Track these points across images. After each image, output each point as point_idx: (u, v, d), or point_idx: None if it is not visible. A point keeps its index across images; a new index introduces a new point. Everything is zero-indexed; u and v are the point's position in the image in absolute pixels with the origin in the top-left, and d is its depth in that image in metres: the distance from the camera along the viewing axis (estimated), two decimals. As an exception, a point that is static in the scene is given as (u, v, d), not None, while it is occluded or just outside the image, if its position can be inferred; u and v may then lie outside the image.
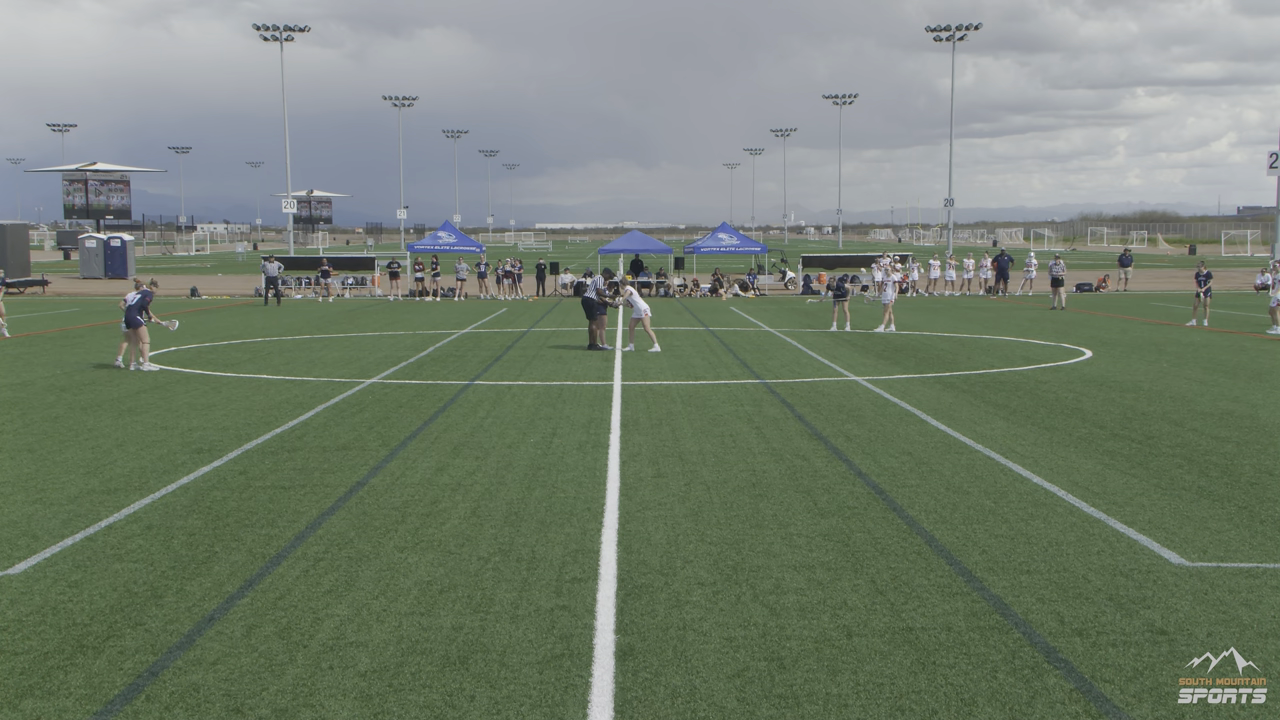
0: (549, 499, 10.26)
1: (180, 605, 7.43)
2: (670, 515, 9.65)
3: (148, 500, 10.27)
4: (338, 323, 33.11)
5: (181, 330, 29.02)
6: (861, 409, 15.48)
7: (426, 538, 9.00)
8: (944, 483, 10.87)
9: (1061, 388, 17.57)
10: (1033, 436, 13.35)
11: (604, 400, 16.39)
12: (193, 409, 15.71)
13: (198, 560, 8.43)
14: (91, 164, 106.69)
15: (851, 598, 7.53)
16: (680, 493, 10.48)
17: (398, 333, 29.05)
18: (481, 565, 8.27)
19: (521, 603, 7.45)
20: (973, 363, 21.22)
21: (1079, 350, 23.22)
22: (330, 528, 9.31)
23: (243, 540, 8.95)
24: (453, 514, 9.75)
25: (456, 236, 51.46)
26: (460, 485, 10.85)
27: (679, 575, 8.00)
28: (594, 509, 9.88)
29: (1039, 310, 37.21)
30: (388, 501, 10.21)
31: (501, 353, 23.44)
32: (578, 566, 8.21)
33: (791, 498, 10.28)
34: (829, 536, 8.98)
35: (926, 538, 8.92)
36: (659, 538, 8.95)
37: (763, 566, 8.20)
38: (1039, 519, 9.51)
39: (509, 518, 9.61)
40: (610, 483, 10.91)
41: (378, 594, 7.65)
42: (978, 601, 7.45)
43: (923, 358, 22.15)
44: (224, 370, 20.32)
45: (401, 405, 15.99)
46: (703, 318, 34.48)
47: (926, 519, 9.50)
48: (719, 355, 22.79)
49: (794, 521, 9.44)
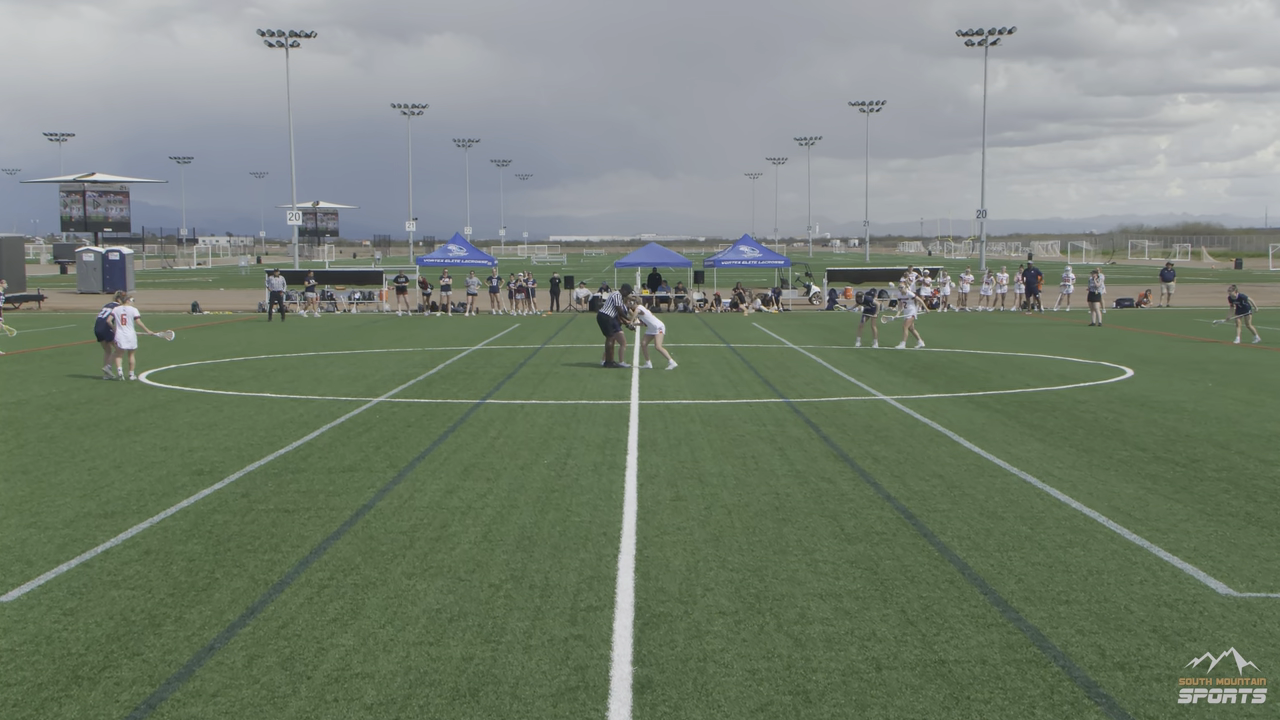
0: (563, 523, 10.25)
1: (179, 634, 7.44)
2: (690, 540, 9.62)
3: (146, 524, 10.30)
4: (344, 339, 33.23)
5: (183, 347, 29.18)
6: (889, 429, 15.42)
7: (435, 564, 9.00)
8: (977, 507, 10.80)
9: (1100, 408, 17.47)
10: (1070, 459, 13.26)
11: (620, 420, 16.38)
12: (193, 429, 15.77)
13: (198, 587, 8.44)
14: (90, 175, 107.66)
15: (880, 628, 7.48)
16: (700, 517, 10.45)
17: (406, 349, 29.14)
18: (493, 593, 8.26)
19: (534, 632, 7.43)
20: (1006, 381, 21.13)
21: (1118, 369, 23.10)
22: (335, 553, 9.31)
23: (244, 566, 8.96)
24: (463, 539, 9.74)
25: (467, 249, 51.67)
26: (470, 508, 10.85)
27: (699, 604, 7.97)
28: (610, 534, 9.86)
29: (1076, 326, 37.03)
30: (395, 525, 10.21)
31: (514, 370, 23.47)
32: (593, 594, 8.19)
33: (817, 522, 10.23)
34: (856, 563, 8.93)
35: (959, 565, 8.86)
36: (678, 564, 8.92)
37: (787, 595, 8.16)
38: (1078, 546, 9.44)
39: (521, 543, 9.60)
40: (627, 506, 10.88)
41: (385, 623, 7.64)
42: (1014, 633, 7.39)
43: (953, 376, 22.06)
44: (226, 388, 20.40)
45: (410, 425, 16.02)
46: (723, 334, 34.46)
47: (959, 545, 9.44)
48: (740, 373, 22.76)
49: (819, 547, 9.40)
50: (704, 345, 30.00)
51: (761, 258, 51.24)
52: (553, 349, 28.99)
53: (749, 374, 22.57)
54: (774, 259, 53.07)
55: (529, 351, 28.16)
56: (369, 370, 23.62)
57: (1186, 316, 41.42)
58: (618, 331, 23.84)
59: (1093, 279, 39.03)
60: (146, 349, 25.76)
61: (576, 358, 26.26)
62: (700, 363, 24.82)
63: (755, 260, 50.99)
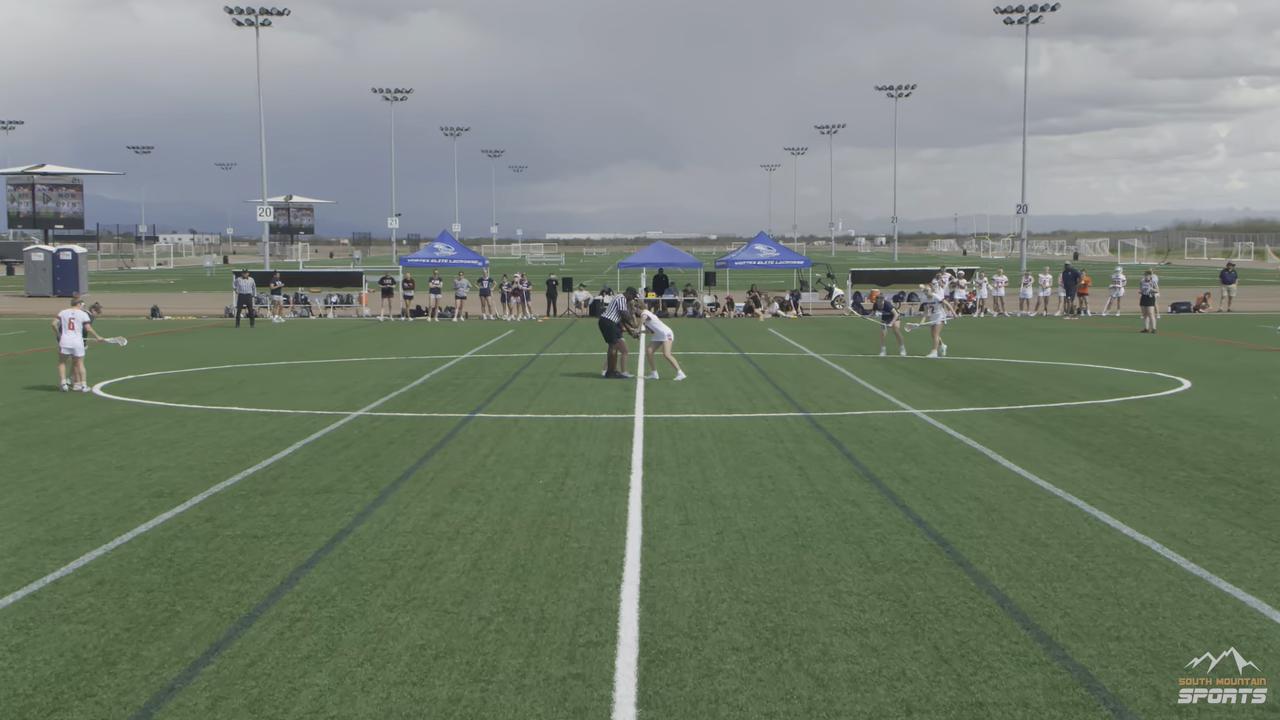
0: (560, 550, 10.23)
1: (136, 673, 7.43)
2: (700, 569, 9.60)
3: (100, 551, 10.30)
4: (320, 347, 33.27)
5: (142, 356, 29.23)
6: (920, 446, 15.40)
7: (420, 594, 8.98)
8: (1018, 533, 10.78)
9: (1154, 423, 17.44)
10: (1121, 480, 13.24)
11: (624, 436, 16.38)
12: (153, 446, 15.78)
13: (157, 621, 8.43)
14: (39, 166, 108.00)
15: (911, 667, 7.46)
16: (711, 543, 10.43)
17: (389, 358, 29.17)
18: (483, 626, 8.25)
19: (529, 670, 7.42)
20: (1049, 393, 21.10)
21: (1175, 380, 23.06)
22: (309, 583, 9.30)
23: (209, 598, 8.95)
24: (450, 567, 9.73)
25: (456, 248, 51.78)
26: (459, 534, 10.84)
27: (710, 639, 7.95)
28: (612, 561, 9.84)
29: (1127, 333, 36.99)
30: (375, 552, 10.20)
31: (507, 381, 23.48)
32: (593, 628, 8.18)
33: (840, 549, 10.21)
34: (884, 595, 8.91)
35: (998, 597, 8.84)
36: (687, 595, 8.91)
37: (807, 629, 8.14)
38: (1130, 576, 9.41)
39: (515, 571, 9.58)
40: (631, 531, 10.87)
41: (363, 660, 7.63)
42: (1059, 673, 7.36)
43: (991, 387, 22.04)
44: (189, 401, 20.42)
45: (392, 441, 16.02)
46: (737, 341, 34.46)
47: (998, 575, 9.41)
48: (755, 384, 22.75)
49: (843, 577, 9.38)
50: (716, 353, 30.00)
51: (779, 257, 51.29)
52: (549, 357, 29.00)
53: (765, 385, 22.56)
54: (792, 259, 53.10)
55: (524, 360, 28.17)
56: (348, 381, 23.64)
57: (1250, 322, 41.37)
58: (620, 338, 23.85)
59: (1145, 281, 38.99)
60: (102, 358, 25.79)
61: (576, 367, 26.27)
62: (711, 373, 24.82)
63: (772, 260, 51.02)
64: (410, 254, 67.55)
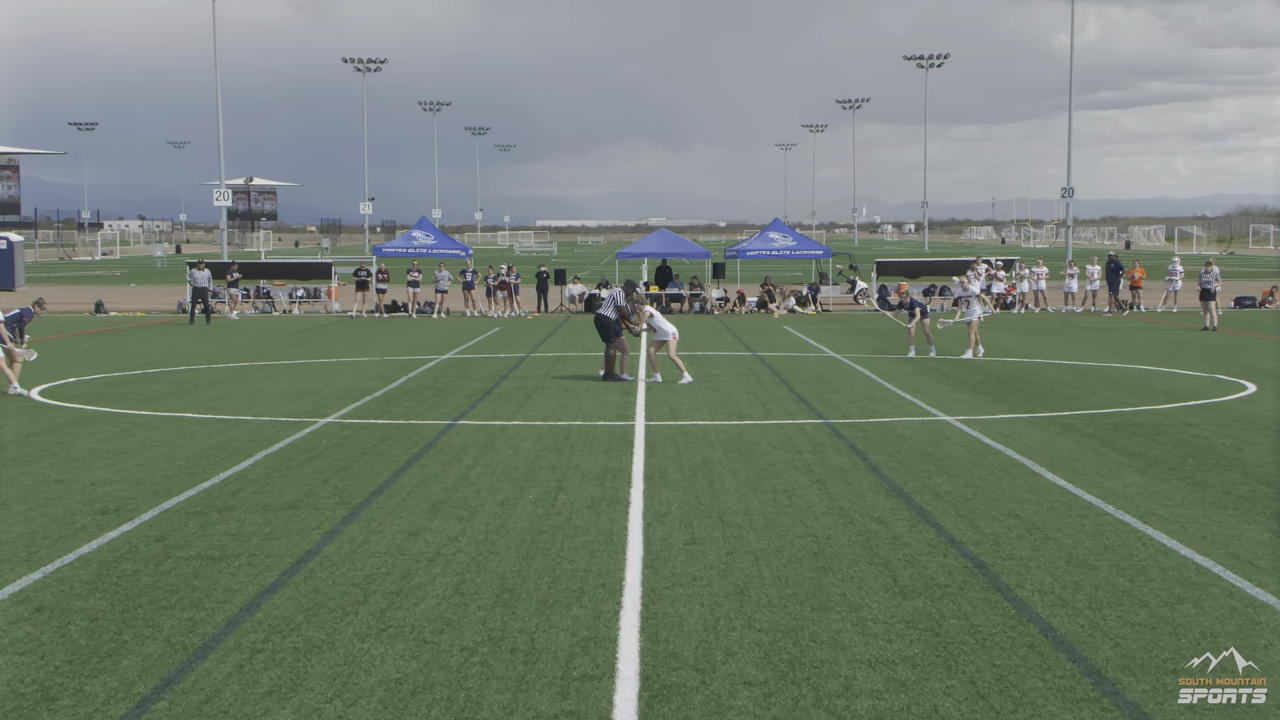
0: (552, 572, 10.23)
1: (79, 710, 7.42)
2: (708, 593, 9.60)
3: (39, 574, 10.29)
4: (285, 346, 33.27)
5: (86, 357, 29.24)
6: (954, 457, 15.40)
7: (395, 622, 8.98)
8: (1063, 554, 10.77)
9: (1215, 432, 17.43)
10: (1178, 495, 13.23)
11: (623, 445, 16.37)
12: (97, 457, 15.78)
13: (102, 652, 8.43)
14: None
15: (944, 704, 7.46)
16: (721, 564, 10.43)
17: (361, 358, 29.17)
18: (466, 658, 8.24)
19: (517, 707, 7.41)
20: (1098, 399, 21.09)
21: (1238, 383, 23.06)
22: (272, 610, 9.30)
23: (159, 626, 8.95)
24: (429, 592, 9.73)
25: (436, 237, 51.77)
26: (439, 555, 10.83)
27: (719, 672, 7.95)
28: (610, 585, 9.84)
29: (1185, 331, 36.98)
30: (346, 576, 10.19)
31: (493, 384, 23.47)
32: (589, 660, 8.17)
33: (864, 572, 10.21)
34: (914, 623, 8.90)
35: (1041, 626, 8.83)
36: (693, 623, 8.90)
37: (828, 662, 8.14)
38: (1188, 602, 9.41)
39: (501, 596, 9.58)
40: (631, 551, 10.87)
41: (332, 696, 7.62)
42: (1109, 710, 7.36)
43: (1032, 392, 22.04)
44: (138, 407, 20.42)
45: (365, 451, 16.02)
46: (749, 340, 34.46)
47: (1041, 602, 9.41)
48: (770, 388, 22.75)
49: (868, 603, 9.37)
50: (725, 353, 30.00)
51: (795, 247, 51.29)
52: (541, 358, 29.00)
53: (780, 389, 22.56)
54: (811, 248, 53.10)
55: (512, 361, 28.17)
56: (315, 384, 23.64)
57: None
58: (619, 337, 23.84)
59: (1205, 272, 39.01)
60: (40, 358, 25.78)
61: (570, 369, 26.26)
62: (721, 375, 24.82)
63: (788, 250, 51.03)
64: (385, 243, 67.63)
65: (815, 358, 28.96)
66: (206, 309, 42.92)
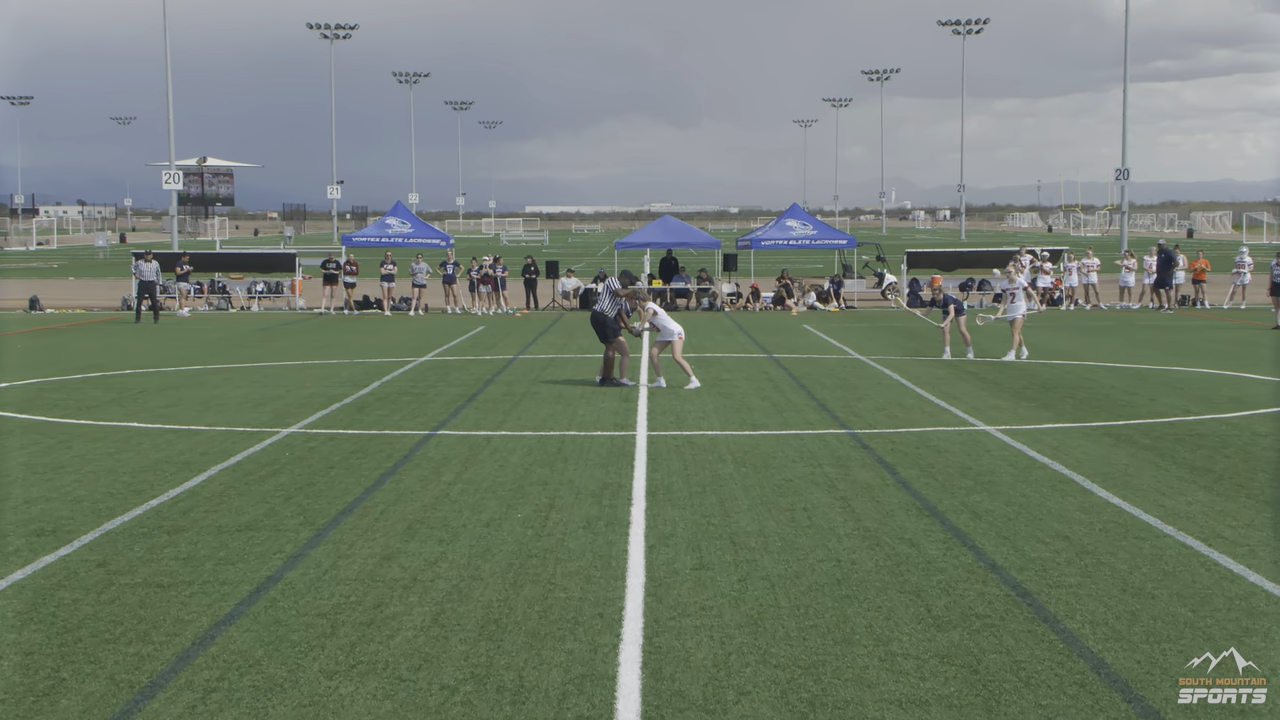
0: (543, 601, 10.23)
1: (11, 754, 7.42)
2: (718, 625, 9.60)
3: (-33, 602, 10.29)
4: (244, 347, 33.27)
5: (18, 359, 29.21)
6: (995, 472, 15.39)
7: (366, 658, 8.97)
8: (1117, 581, 10.77)
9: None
10: (1247, 514, 13.22)
11: (623, 458, 16.37)
12: (31, 473, 15.78)
13: (38, 691, 8.42)
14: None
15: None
16: (732, 592, 10.43)
17: (329, 361, 29.17)
18: (446, 698, 8.24)
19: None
20: (1157, 406, 21.08)
21: (1313, 388, 23.04)
22: (228, 643, 9.29)
23: (102, 662, 8.94)
24: (405, 623, 9.72)
25: (413, 224, 51.81)
26: (416, 581, 10.83)
27: (730, 713, 7.94)
28: (608, 615, 9.84)
29: (1254, 330, 36.96)
30: (311, 605, 10.19)
31: (477, 390, 23.47)
32: (585, 700, 8.17)
33: (894, 601, 10.20)
34: (949, 658, 8.90)
35: (1093, 662, 8.83)
36: (701, 658, 8.90)
37: (853, 702, 8.14)
38: (1258, 635, 9.40)
39: (486, 628, 9.58)
40: (632, 577, 10.86)
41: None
42: (1169, 755, 7.35)
43: (1083, 398, 22.03)
44: (77, 416, 20.42)
45: (333, 466, 16.01)
46: (764, 340, 34.45)
47: (1092, 635, 9.40)
48: (787, 394, 22.75)
49: (898, 636, 9.37)
50: (737, 355, 29.99)
51: (816, 236, 51.30)
52: (530, 361, 28.99)
53: (799, 395, 22.55)
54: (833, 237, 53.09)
55: (498, 364, 28.17)
56: (277, 390, 23.63)
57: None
58: (619, 337, 23.82)
59: (1277, 265, 38.99)
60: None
61: (563, 372, 26.26)
62: (732, 379, 24.81)
63: (807, 240, 51.04)
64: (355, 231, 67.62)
65: (838, 360, 28.95)
66: (154, 305, 42.90)
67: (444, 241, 52.34)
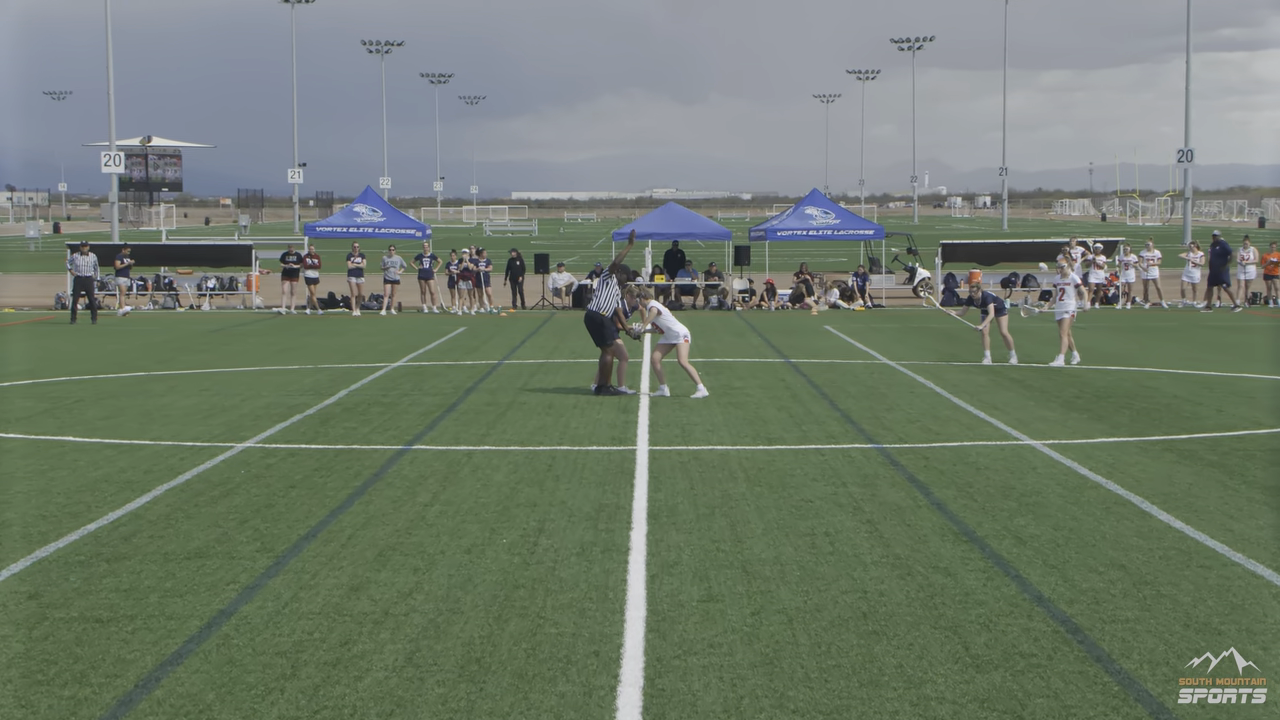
0: (532, 637, 10.22)
1: (-69, 811, 7.41)
2: (729, 664, 9.59)
3: (-119, 639, 10.30)
4: (193, 351, 33.26)
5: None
6: (1042, 492, 15.39)
7: (332, 702, 8.97)
8: (1180, 614, 10.76)
9: (1372, 458, 17.43)
10: (1325, 539, 13.22)
11: (622, 476, 16.37)
12: (-44, 491, 15.77)
13: (-40, 737, 8.42)
14: None
15: (1028, 804, 7.44)
16: (745, 628, 10.43)
17: (290, 366, 29.17)
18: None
19: (486, 810, 7.40)
20: (1223, 418, 21.07)
21: (1400, 397, 23.04)
22: (175, 686, 9.28)
23: (34, 706, 8.94)
24: (375, 662, 9.72)
25: (385, 212, 51.81)
26: (388, 615, 10.83)
27: (744, 766, 7.93)
28: (605, 654, 9.84)
29: (1333, 331, 36.94)
30: (269, 643, 10.18)
31: (457, 399, 23.47)
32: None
33: (927, 637, 10.20)
34: (989, 703, 8.90)
35: (1151, 706, 8.83)
36: (710, 702, 8.90)
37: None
38: (1337, 675, 9.40)
39: (467, 668, 9.57)
40: (631, 610, 10.86)
41: (251, 794, 7.61)
42: (1238, 812, 7.36)
43: (1140, 409, 22.02)
44: (4, 430, 20.43)
45: (294, 485, 16.01)
46: (780, 342, 34.46)
47: (1151, 676, 9.40)
48: (807, 403, 22.75)
49: (932, 677, 9.36)
50: (750, 360, 29.99)
51: (839, 226, 51.30)
52: (517, 366, 29.00)
53: (820, 405, 22.55)
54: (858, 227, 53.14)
55: (481, 370, 28.17)
56: (230, 400, 23.63)
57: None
58: (617, 340, 23.81)
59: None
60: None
61: (553, 379, 26.26)
62: (745, 387, 24.81)
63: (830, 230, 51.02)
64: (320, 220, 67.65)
65: (864, 365, 28.95)
66: (92, 304, 42.86)
67: (420, 232, 52.31)
